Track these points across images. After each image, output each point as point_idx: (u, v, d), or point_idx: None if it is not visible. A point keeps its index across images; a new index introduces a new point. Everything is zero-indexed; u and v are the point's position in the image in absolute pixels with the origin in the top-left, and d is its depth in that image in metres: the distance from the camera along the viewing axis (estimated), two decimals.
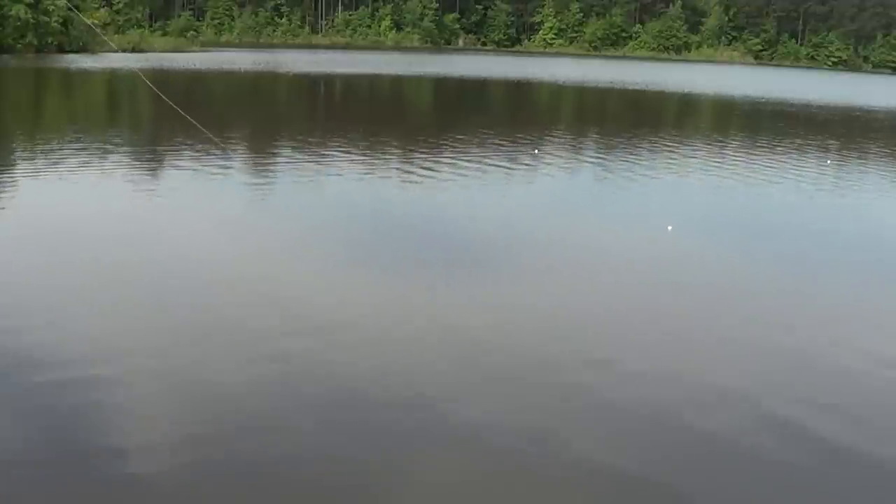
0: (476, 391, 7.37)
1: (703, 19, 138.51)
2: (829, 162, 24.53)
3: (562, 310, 9.73)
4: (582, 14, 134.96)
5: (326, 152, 20.58)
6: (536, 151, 22.55)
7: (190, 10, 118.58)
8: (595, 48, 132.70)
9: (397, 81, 53.30)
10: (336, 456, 6.17)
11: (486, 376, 7.68)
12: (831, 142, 30.60)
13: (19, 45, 56.16)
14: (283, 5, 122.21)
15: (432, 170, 18.67)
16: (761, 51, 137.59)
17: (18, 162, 17.39)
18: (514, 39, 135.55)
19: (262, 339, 8.25)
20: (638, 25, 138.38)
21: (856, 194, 19.30)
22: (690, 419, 7.07)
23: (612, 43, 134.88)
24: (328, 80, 51.68)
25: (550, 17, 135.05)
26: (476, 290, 10.21)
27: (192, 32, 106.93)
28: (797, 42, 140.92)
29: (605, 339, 8.89)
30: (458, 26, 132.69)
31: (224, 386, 7.16)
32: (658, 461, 6.36)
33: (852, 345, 9.10)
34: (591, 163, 21.58)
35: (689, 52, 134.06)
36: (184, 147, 20.35)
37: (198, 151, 19.66)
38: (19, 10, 55.86)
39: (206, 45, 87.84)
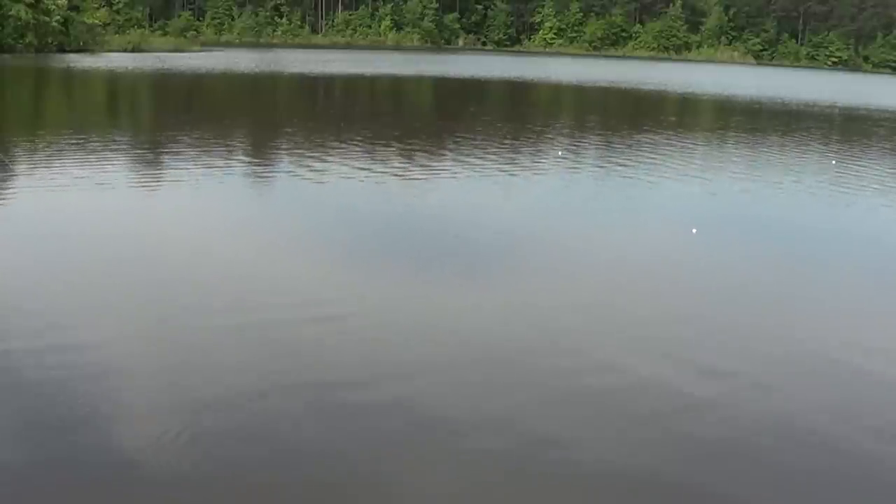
0: (476, 392, 7.33)
1: (703, 19, 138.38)
2: (833, 162, 24.47)
3: (572, 311, 9.68)
4: (582, 14, 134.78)
5: (329, 151, 20.54)
6: (560, 153, 22.44)
7: (190, 9, 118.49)
8: (595, 48, 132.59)
9: (405, 81, 53.26)
10: (329, 456, 6.15)
11: (486, 378, 7.63)
12: (836, 140, 30.59)
13: (19, 45, 56.11)
14: (283, 5, 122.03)
15: (442, 169, 18.64)
16: (761, 51, 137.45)
17: (19, 159, 17.35)
18: (514, 39, 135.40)
19: (259, 337, 8.22)
20: (638, 25, 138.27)
21: (864, 193, 19.23)
22: (694, 419, 7.04)
23: (613, 43, 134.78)
24: (339, 80, 51.61)
25: (550, 17, 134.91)
26: (478, 291, 10.16)
27: (192, 32, 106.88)
28: (797, 42, 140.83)
29: (611, 342, 8.82)
30: (458, 26, 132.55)
31: (219, 386, 7.13)
32: (659, 463, 6.31)
33: (863, 348, 9.06)
34: (605, 163, 21.48)
35: (690, 52, 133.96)
36: (184, 145, 20.31)
37: (198, 150, 19.63)
38: (19, 10, 55.78)
39: (207, 45, 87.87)
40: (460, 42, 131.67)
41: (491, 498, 5.80)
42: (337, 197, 15.48)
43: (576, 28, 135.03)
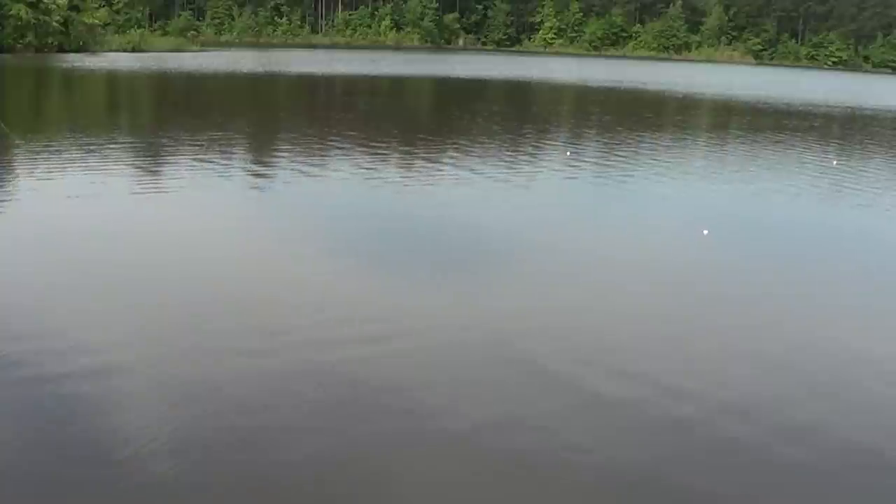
0: (480, 394, 7.27)
1: (703, 19, 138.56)
2: (834, 163, 24.40)
3: (577, 313, 9.60)
4: (582, 14, 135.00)
5: (331, 151, 20.48)
6: (569, 154, 22.38)
7: (190, 9, 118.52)
8: (595, 48, 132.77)
9: (407, 81, 53.24)
10: (330, 458, 6.11)
11: (491, 380, 7.58)
12: (840, 140, 30.58)
13: (19, 45, 56.09)
14: (283, 5, 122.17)
15: (447, 170, 18.59)
16: (761, 51, 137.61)
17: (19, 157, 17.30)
18: (514, 39, 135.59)
19: (260, 339, 8.18)
20: (638, 25, 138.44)
21: (867, 194, 19.18)
22: (694, 420, 7.00)
23: (613, 43, 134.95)
24: (341, 80, 51.60)
25: (550, 17, 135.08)
26: (481, 292, 10.09)
27: (192, 32, 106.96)
28: (797, 42, 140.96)
29: (614, 344, 8.72)
30: (458, 26, 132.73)
31: (219, 387, 7.10)
32: (662, 465, 6.27)
33: (869, 349, 9.00)
34: (612, 164, 21.38)
35: (690, 51, 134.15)
36: (188, 146, 20.26)
37: (196, 149, 19.57)
38: (19, 10, 55.76)
39: (206, 45, 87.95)
40: (460, 42, 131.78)
41: (494, 499, 5.76)
42: (339, 197, 15.39)
43: (576, 28, 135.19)
